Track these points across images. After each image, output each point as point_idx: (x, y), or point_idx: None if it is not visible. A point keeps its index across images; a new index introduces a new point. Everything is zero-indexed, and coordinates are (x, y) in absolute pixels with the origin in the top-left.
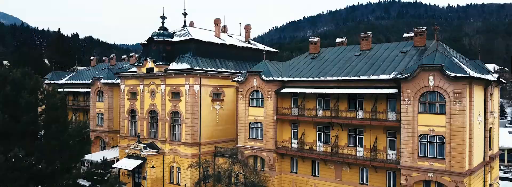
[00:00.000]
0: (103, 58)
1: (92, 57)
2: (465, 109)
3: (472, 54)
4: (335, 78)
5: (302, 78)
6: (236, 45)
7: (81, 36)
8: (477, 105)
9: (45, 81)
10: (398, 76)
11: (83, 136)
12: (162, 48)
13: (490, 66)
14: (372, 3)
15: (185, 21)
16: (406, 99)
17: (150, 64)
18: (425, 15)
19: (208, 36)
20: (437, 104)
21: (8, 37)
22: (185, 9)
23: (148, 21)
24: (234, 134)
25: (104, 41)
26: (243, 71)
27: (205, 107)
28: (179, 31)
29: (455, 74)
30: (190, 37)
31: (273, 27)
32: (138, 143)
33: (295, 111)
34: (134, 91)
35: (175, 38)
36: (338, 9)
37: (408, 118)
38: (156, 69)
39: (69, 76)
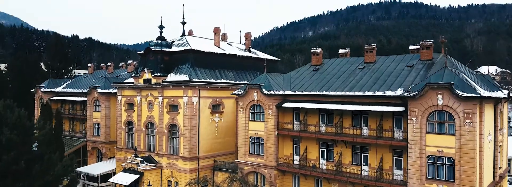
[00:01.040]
0: (101, 65)
1: (89, 64)
2: (476, 130)
3: (473, 56)
4: (338, 93)
5: (304, 93)
6: (236, 54)
7: (81, 37)
8: (487, 124)
9: (41, 90)
10: (405, 94)
11: (69, 176)
12: (160, 58)
13: (492, 68)
14: (373, 3)
15: (183, 30)
16: (414, 118)
17: (147, 75)
18: (426, 16)
19: (207, 45)
20: (446, 124)
21: (7, 39)
22: (183, 18)
23: (148, 21)
24: (234, 146)
25: (104, 42)
26: (244, 82)
27: (204, 119)
28: (177, 40)
29: (465, 94)
30: (188, 47)
31: (273, 28)
32: (135, 156)
33: (297, 126)
34: (131, 103)
35: (173, 48)
36: (338, 10)
37: (416, 137)
38: (153, 81)
39: (66, 84)
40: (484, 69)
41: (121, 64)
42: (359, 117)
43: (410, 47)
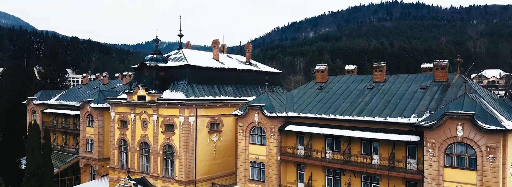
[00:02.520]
0: (96, 75)
1: (84, 74)
2: (499, 165)
3: (477, 58)
4: (346, 117)
5: (309, 115)
6: (236, 68)
7: (81, 38)
8: (511, 156)
9: (34, 102)
10: (421, 123)
11: None
12: (155, 74)
13: (496, 72)
14: (374, 4)
15: (180, 43)
16: (430, 150)
17: (141, 92)
18: (427, 17)
19: (205, 59)
20: (466, 158)
21: (6, 41)
22: (180, 30)
23: (148, 21)
24: (233, 167)
25: (104, 42)
26: (244, 98)
27: (202, 139)
28: (174, 54)
29: (488, 126)
30: (185, 62)
31: (274, 28)
32: (128, 179)
33: (301, 151)
34: (124, 120)
35: (170, 63)
36: (339, 10)
37: (433, 171)
38: (148, 98)
39: (59, 95)
40: (488, 73)
41: (116, 74)
42: (369, 144)
43: (423, 66)
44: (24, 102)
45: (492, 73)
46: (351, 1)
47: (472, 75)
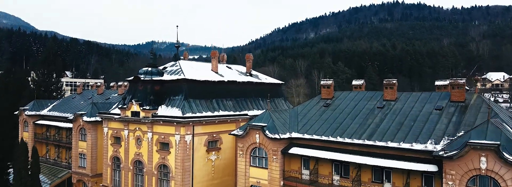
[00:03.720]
0: (91, 83)
1: (78, 83)
2: None
3: (480, 61)
4: (355, 141)
5: (314, 137)
6: (236, 81)
7: (80, 39)
8: None
9: (26, 113)
10: (440, 153)
11: None
12: (150, 88)
13: (500, 75)
14: (375, 4)
15: (177, 55)
16: (450, 183)
17: (135, 107)
18: (429, 17)
19: (203, 71)
20: None
21: (4, 42)
22: (177, 41)
23: (149, 21)
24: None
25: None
26: (244, 112)
27: (199, 159)
28: (170, 66)
29: None
30: (182, 76)
31: (275, 29)
32: None
33: (306, 176)
34: (118, 136)
35: (166, 77)
36: (340, 11)
37: None
38: (142, 114)
39: (52, 105)
40: (491, 76)
41: (111, 84)
42: (381, 170)
43: (437, 83)
44: (16, 113)
45: (496, 76)
46: (352, 2)
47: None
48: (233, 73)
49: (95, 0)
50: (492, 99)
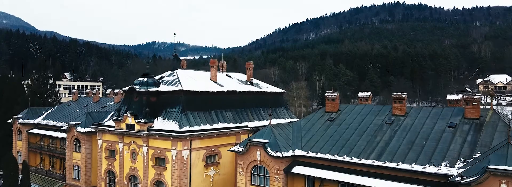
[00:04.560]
0: (88, 90)
1: (73, 90)
2: None
3: (482, 63)
4: (364, 161)
5: (319, 155)
6: (236, 91)
7: (80, 40)
8: None
9: (19, 121)
10: (457, 179)
11: None
12: (146, 100)
13: (502, 77)
14: (376, 5)
15: (174, 65)
16: None
17: (130, 120)
18: (430, 18)
19: (202, 81)
20: None
21: (3, 44)
22: (175, 50)
23: (149, 21)
24: None
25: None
26: (245, 123)
27: (197, 174)
28: (167, 76)
29: None
30: (179, 87)
31: (275, 29)
32: None
33: None
34: (112, 149)
35: (162, 87)
36: (341, 11)
37: None
38: (137, 127)
39: (47, 113)
40: (494, 78)
41: (108, 91)
42: None
43: (448, 97)
44: (10, 121)
45: (499, 79)
46: (352, 2)
47: (478, 81)
48: (233, 82)
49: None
50: (495, 102)
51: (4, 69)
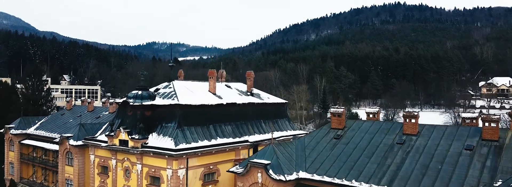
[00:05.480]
0: (82, 98)
1: (68, 99)
2: None
3: (484, 64)
4: None
5: (326, 179)
6: (236, 103)
7: (80, 40)
8: None
9: (11, 131)
10: None
11: None
12: (140, 114)
13: (505, 80)
14: (377, 6)
15: (171, 76)
16: None
17: (123, 135)
18: (431, 19)
19: (200, 93)
20: None
21: (1, 46)
22: (171, 60)
23: (149, 21)
24: None
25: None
26: (245, 138)
27: None
28: (163, 88)
29: None
30: (176, 101)
31: (276, 30)
32: None
33: None
34: (105, 165)
35: (157, 100)
36: (342, 12)
37: None
38: (130, 144)
39: (39, 122)
40: (497, 81)
41: (103, 100)
42: None
43: (463, 115)
44: (1, 131)
45: (502, 81)
46: (353, 3)
47: (481, 83)
48: (233, 93)
49: (96, 0)
50: (498, 105)
51: (1, 71)
